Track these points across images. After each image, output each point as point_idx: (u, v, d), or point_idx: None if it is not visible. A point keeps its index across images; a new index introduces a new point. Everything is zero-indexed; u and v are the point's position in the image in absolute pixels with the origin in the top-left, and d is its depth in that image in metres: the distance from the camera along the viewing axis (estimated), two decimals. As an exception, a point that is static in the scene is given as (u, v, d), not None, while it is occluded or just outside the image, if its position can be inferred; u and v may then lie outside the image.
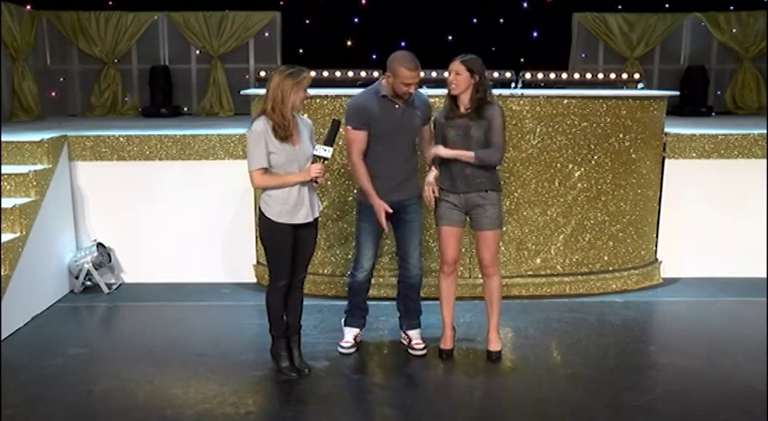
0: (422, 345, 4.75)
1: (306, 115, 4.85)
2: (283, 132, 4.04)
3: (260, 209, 4.22)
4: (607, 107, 5.90)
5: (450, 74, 4.35)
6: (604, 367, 4.64)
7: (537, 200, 5.94)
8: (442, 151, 4.40)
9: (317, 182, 4.17)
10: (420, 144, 4.69)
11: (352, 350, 4.78)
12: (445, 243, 4.58)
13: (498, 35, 10.94)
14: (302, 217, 4.19)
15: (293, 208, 4.14)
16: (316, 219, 4.31)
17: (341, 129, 4.33)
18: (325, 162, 4.14)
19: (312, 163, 4.12)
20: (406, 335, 4.83)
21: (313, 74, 5.63)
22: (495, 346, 4.67)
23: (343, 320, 4.90)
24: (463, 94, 4.37)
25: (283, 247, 4.20)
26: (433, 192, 4.49)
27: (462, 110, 4.39)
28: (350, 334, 4.83)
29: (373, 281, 4.87)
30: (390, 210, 4.46)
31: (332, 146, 4.14)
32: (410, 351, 4.77)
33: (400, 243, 4.71)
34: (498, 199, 4.53)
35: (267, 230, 4.22)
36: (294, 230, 4.20)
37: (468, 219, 4.57)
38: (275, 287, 4.31)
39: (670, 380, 4.43)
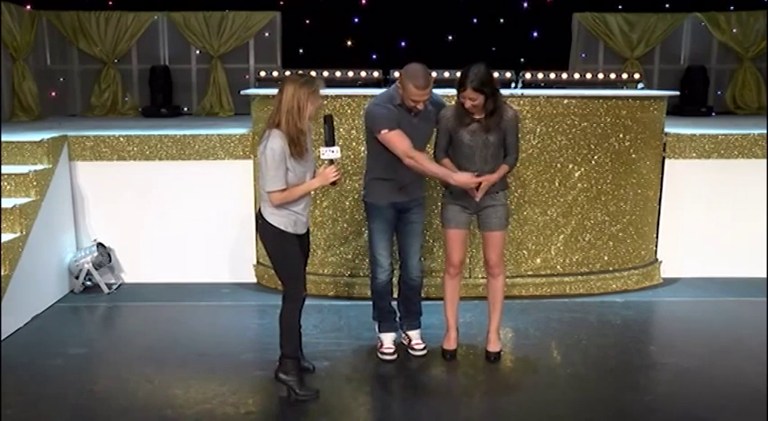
0: (422, 346, 4.75)
1: None
2: (297, 150, 3.85)
3: (266, 221, 4.00)
4: (607, 107, 5.90)
5: (465, 100, 4.24)
6: (604, 367, 4.65)
7: (537, 200, 5.94)
8: (483, 184, 4.31)
9: (334, 184, 4.03)
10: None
11: (395, 355, 4.69)
12: (452, 246, 4.56)
13: (498, 35, 10.94)
14: (304, 227, 4.12)
15: (300, 216, 4.03)
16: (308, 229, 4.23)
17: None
18: (336, 162, 4.01)
19: (323, 166, 3.98)
20: (407, 335, 4.82)
21: (313, 74, 5.65)
22: (494, 347, 4.67)
23: (376, 327, 4.79)
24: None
25: (297, 254, 4.06)
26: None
27: (476, 115, 4.33)
28: (389, 339, 4.73)
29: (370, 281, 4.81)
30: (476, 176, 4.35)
31: (336, 144, 4.03)
32: (410, 351, 4.77)
33: (401, 244, 4.69)
34: (506, 197, 4.52)
35: (278, 241, 4.02)
36: (297, 239, 4.10)
37: (474, 219, 4.54)
38: (297, 302, 4.08)
39: (670, 380, 4.44)
